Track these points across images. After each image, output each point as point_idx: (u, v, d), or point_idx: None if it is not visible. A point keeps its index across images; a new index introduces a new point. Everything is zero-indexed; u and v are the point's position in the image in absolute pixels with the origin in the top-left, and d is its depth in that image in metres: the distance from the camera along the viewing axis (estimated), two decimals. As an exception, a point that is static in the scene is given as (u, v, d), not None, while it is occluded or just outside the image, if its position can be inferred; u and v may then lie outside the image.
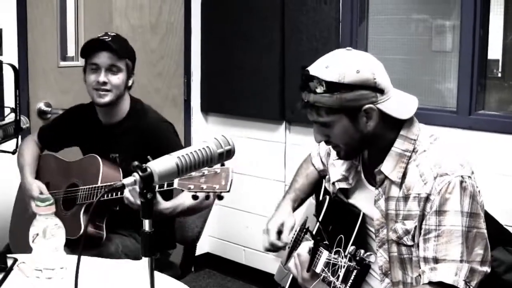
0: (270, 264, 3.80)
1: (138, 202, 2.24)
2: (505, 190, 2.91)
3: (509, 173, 2.92)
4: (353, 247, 1.61)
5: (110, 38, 2.54)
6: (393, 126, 1.79)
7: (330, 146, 2.03)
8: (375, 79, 1.71)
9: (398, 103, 1.78)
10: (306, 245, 1.80)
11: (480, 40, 3.00)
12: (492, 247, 1.77)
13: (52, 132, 2.82)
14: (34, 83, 3.28)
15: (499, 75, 3.23)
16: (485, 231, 1.71)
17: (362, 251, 1.59)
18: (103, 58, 2.52)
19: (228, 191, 1.83)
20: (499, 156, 2.95)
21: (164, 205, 2.35)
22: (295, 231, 2.20)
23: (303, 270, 1.76)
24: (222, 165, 1.48)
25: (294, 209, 2.22)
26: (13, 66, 2.16)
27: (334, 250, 1.70)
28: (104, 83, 2.52)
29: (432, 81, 3.32)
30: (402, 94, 1.83)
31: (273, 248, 2.10)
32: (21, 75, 2.51)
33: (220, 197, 1.86)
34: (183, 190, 1.85)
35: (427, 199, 1.71)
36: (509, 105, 3.16)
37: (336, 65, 1.71)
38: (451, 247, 1.66)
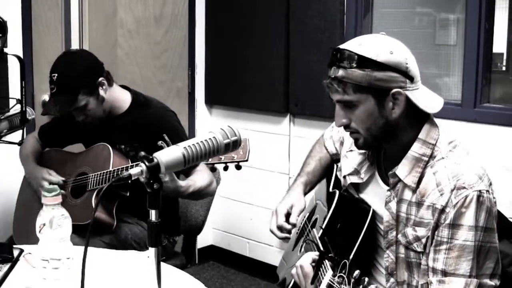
0: (273, 256, 3.82)
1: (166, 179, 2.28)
2: (509, 183, 2.91)
3: (513, 166, 2.92)
4: (357, 271, 1.55)
5: (55, 89, 2.47)
6: (415, 122, 1.75)
7: (345, 135, 2.00)
8: (407, 64, 1.69)
9: (425, 96, 1.74)
10: (309, 256, 1.76)
11: (485, 34, 3.00)
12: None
13: (53, 130, 2.80)
14: (39, 76, 3.28)
15: (504, 68, 3.23)
16: (497, 245, 1.68)
17: (367, 279, 1.54)
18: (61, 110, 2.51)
19: (247, 160, 1.91)
20: (504, 149, 2.95)
21: (180, 183, 2.34)
22: (304, 217, 2.17)
23: (307, 282, 1.73)
24: None
25: (306, 193, 2.18)
26: (18, 57, 2.16)
27: (337, 274, 1.61)
28: (84, 119, 2.54)
29: (436, 74, 3.32)
30: (429, 90, 1.79)
31: (279, 231, 2.06)
32: (26, 67, 2.50)
33: (239, 167, 2.02)
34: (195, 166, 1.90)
35: (442, 210, 1.66)
36: (514, 98, 3.16)
37: (370, 44, 1.69)
38: (461, 262, 1.63)
